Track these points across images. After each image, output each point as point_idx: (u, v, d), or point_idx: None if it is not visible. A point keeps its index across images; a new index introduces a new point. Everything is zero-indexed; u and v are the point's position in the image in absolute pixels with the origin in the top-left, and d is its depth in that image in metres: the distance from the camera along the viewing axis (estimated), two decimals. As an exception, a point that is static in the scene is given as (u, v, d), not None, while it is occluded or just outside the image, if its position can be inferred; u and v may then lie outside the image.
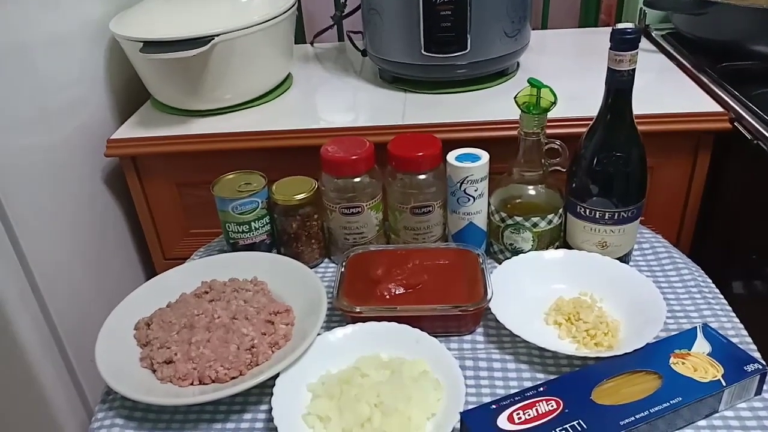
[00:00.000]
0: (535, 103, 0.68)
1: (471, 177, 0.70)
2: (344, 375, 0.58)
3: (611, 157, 0.67)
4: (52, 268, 0.83)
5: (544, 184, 0.72)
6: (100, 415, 0.58)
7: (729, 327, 0.63)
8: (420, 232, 0.75)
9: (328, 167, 0.72)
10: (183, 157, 0.93)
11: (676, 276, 0.71)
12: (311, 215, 0.74)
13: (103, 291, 0.93)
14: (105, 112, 1.00)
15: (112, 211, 1.00)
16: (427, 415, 0.54)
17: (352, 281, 0.68)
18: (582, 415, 0.51)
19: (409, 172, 0.72)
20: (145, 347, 0.63)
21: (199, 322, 0.63)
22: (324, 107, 1.02)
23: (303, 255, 0.76)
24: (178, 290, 0.69)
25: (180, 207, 0.98)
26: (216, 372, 0.58)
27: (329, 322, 0.67)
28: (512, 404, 0.52)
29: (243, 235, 0.75)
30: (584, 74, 1.02)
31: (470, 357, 0.62)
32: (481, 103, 0.95)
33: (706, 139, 0.88)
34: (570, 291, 0.68)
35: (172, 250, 1.02)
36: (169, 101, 1.00)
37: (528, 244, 0.72)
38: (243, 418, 0.57)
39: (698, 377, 0.53)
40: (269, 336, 0.62)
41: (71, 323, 0.85)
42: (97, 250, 0.95)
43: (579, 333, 0.62)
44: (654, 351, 0.57)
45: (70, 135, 0.90)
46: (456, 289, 0.66)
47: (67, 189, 0.89)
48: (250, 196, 0.73)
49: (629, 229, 0.70)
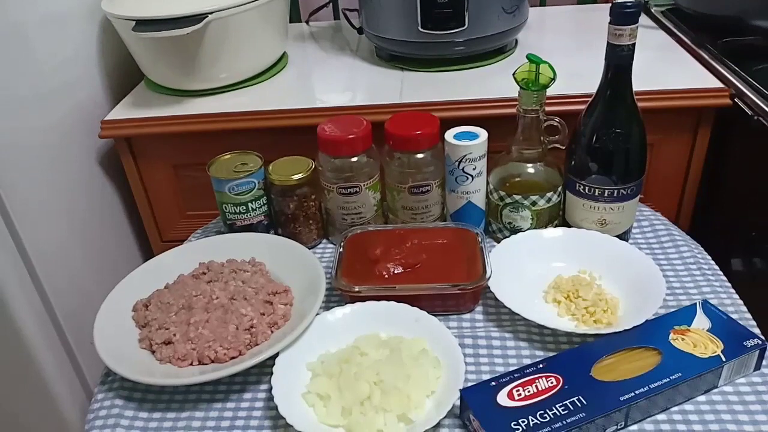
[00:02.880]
0: (534, 80, 0.67)
1: (469, 155, 0.69)
2: (343, 354, 0.58)
3: (611, 134, 0.66)
4: (49, 251, 0.83)
5: (543, 162, 0.71)
6: (100, 396, 0.58)
7: (728, 303, 0.63)
8: (418, 212, 0.74)
9: (325, 147, 0.72)
10: (178, 137, 0.92)
11: (676, 253, 0.71)
12: (308, 195, 0.74)
13: (101, 274, 0.92)
14: (99, 93, 0.99)
15: (109, 194, 1.00)
16: (427, 392, 0.54)
17: (351, 261, 0.67)
18: (582, 391, 0.51)
19: (407, 151, 0.71)
20: (143, 328, 0.62)
21: (198, 302, 0.63)
22: (320, 86, 1.01)
23: (301, 236, 0.75)
24: (175, 272, 0.69)
25: (176, 189, 0.98)
26: (215, 352, 0.58)
27: (328, 302, 0.66)
28: (512, 381, 0.52)
29: (240, 216, 0.75)
30: (583, 51, 1.01)
31: (469, 335, 0.62)
32: (479, 81, 0.94)
33: (706, 116, 0.87)
34: (569, 269, 0.68)
35: (169, 232, 1.02)
36: (163, 81, 0.99)
37: (527, 223, 0.72)
38: (243, 397, 0.57)
39: (698, 353, 0.54)
40: (268, 316, 0.62)
41: (69, 306, 0.85)
42: (94, 233, 0.95)
43: (578, 310, 0.62)
44: (653, 327, 0.57)
45: (65, 117, 0.89)
46: (455, 268, 0.65)
47: (62, 172, 0.88)
48: (247, 176, 0.73)
49: (628, 207, 0.69)
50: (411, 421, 0.52)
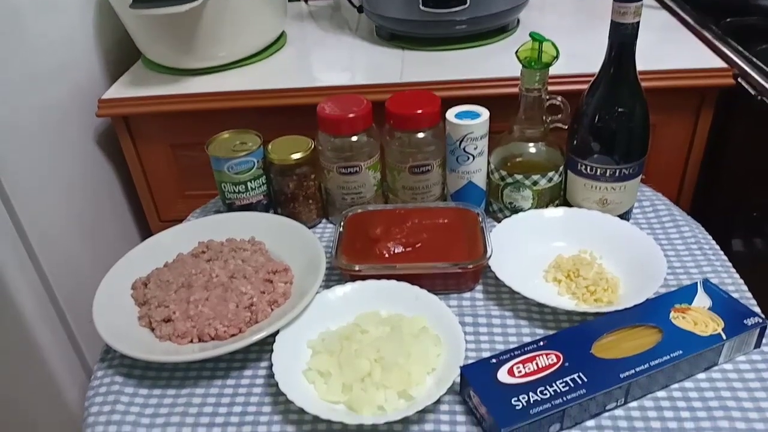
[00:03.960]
0: (537, 58, 0.66)
1: (471, 135, 0.69)
2: (344, 331, 0.58)
3: (614, 113, 0.66)
4: (47, 232, 0.82)
5: (545, 142, 0.71)
6: (100, 374, 0.58)
7: (729, 283, 0.63)
8: (419, 192, 0.74)
9: (325, 126, 0.71)
10: (176, 116, 0.91)
11: (677, 233, 0.71)
12: (308, 175, 0.73)
13: (100, 254, 0.92)
14: (96, 72, 0.98)
15: (107, 174, 0.99)
16: (427, 369, 0.54)
17: (351, 240, 0.67)
18: (582, 368, 0.51)
19: (408, 131, 0.71)
20: (142, 306, 0.62)
21: (197, 281, 0.63)
22: (320, 66, 1.00)
23: (300, 215, 0.75)
24: (174, 250, 0.69)
25: (175, 168, 0.97)
26: (215, 330, 0.58)
27: (328, 281, 0.66)
28: (512, 358, 0.52)
29: (239, 195, 0.74)
30: (586, 31, 1.00)
31: (470, 314, 0.62)
32: (480, 60, 0.93)
33: (709, 96, 0.87)
34: (570, 249, 0.67)
35: (168, 213, 1.01)
36: (161, 60, 0.97)
37: (528, 203, 0.72)
38: (243, 374, 0.57)
39: (698, 331, 0.54)
40: (268, 294, 0.62)
41: (68, 285, 0.85)
42: (93, 213, 0.94)
43: (579, 289, 0.62)
44: (654, 306, 0.57)
45: (62, 97, 0.88)
46: (455, 247, 0.65)
47: (60, 152, 0.88)
48: (246, 155, 0.72)
49: (630, 187, 0.69)
50: (411, 398, 0.52)
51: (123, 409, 0.54)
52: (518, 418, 0.47)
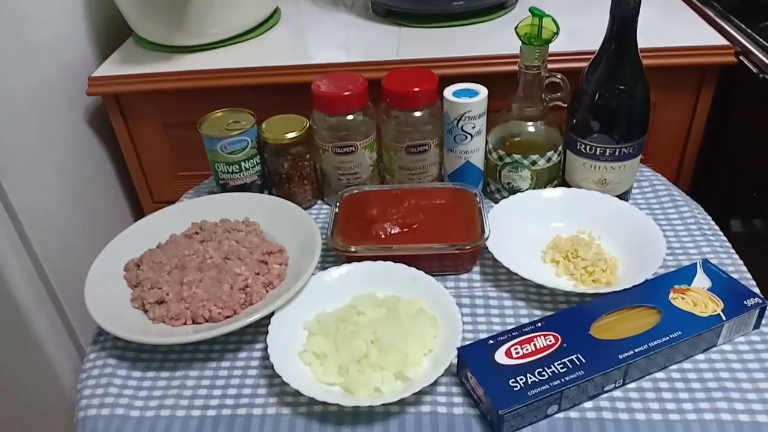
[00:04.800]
0: (537, 34, 0.65)
1: (469, 113, 0.67)
2: (340, 313, 0.57)
3: (614, 91, 0.64)
4: (39, 213, 0.81)
5: (544, 121, 0.70)
6: (92, 356, 0.58)
7: (729, 264, 0.62)
8: (415, 172, 0.73)
9: (320, 104, 0.69)
10: (168, 95, 0.89)
11: (676, 214, 0.70)
12: (303, 155, 0.72)
13: (92, 235, 0.91)
14: (86, 49, 0.96)
15: (98, 154, 0.98)
16: (424, 351, 0.54)
17: (347, 221, 0.66)
18: (581, 349, 0.50)
19: (405, 109, 0.69)
20: (135, 288, 0.61)
21: (191, 262, 0.62)
22: (314, 43, 0.98)
23: (295, 196, 0.74)
24: (167, 231, 0.68)
25: (167, 148, 0.96)
26: (209, 311, 0.57)
27: (323, 262, 0.66)
28: (510, 339, 0.52)
29: (233, 175, 0.73)
30: (586, 7, 0.98)
31: (467, 295, 0.61)
32: (479, 37, 0.92)
33: (710, 74, 0.85)
34: (568, 229, 0.67)
35: (161, 193, 1.00)
36: (152, 37, 0.95)
37: (526, 183, 0.71)
38: (238, 356, 0.56)
39: (698, 312, 0.53)
40: (263, 276, 0.61)
41: (60, 267, 0.84)
42: (85, 194, 0.93)
43: (577, 270, 0.61)
44: (653, 286, 0.56)
45: (52, 74, 0.87)
46: (453, 228, 0.64)
47: (51, 132, 0.86)
48: (239, 134, 0.71)
49: (629, 166, 0.68)
50: (408, 379, 0.51)
51: (116, 392, 0.53)
52: (516, 400, 0.47)
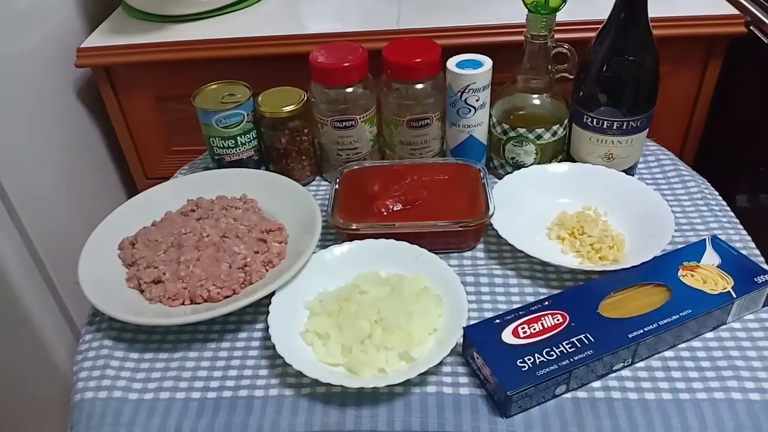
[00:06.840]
0: (544, 2, 0.62)
1: (473, 85, 0.65)
2: (343, 292, 0.56)
3: (623, 61, 0.62)
4: (29, 191, 0.79)
5: (550, 93, 0.68)
6: (88, 337, 0.56)
7: (737, 239, 0.61)
8: (417, 147, 0.71)
9: (318, 76, 0.67)
10: (160, 66, 0.86)
11: (682, 188, 0.69)
12: (301, 129, 0.70)
13: (84, 213, 0.89)
14: (74, 18, 0.92)
15: (89, 128, 0.95)
16: (429, 330, 0.53)
17: (347, 198, 0.64)
18: (589, 328, 0.49)
19: (406, 81, 0.67)
20: (131, 267, 0.60)
21: (187, 240, 0.60)
22: (311, 12, 0.95)
23: (293, 172, 0.72)
24: (162, 209, 0.66)
25: (160, 122, 0.93)
26: (208, 291, 0.56)
27: (324, 240, 0.64)
28: (516, 318, 0.51)
29: (229, 150, 0.71)
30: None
31: (471, 273, 0.60)
32: (483, 6, 0.89)
33: (718, 45, 0.83)
34: (574, 205, 0.65)
35: (155, 169, 0.98)
36: (142, 6, 0.92)
37: (530, 158, 0.69)
38: (238, 337, 0.55)
39: (708, 289, 0.52)
40: (262, 254, 0.59)
41: (52, 246, 0.82)
42: (76, 170, 0.90)
43: (583, 247, 0.60)
44: (662, 264, 0.55)
45: (37, 44, 0.83)
46: (456, 204, 0.63)
47: (39, 104, 0.83)
48: (235, 108, 0.68)
49: (636, 140, 0.66)
50: (413, 359, 0.50)
51: (113, 374, 0.52)
52: (524, 380, 0.46)
